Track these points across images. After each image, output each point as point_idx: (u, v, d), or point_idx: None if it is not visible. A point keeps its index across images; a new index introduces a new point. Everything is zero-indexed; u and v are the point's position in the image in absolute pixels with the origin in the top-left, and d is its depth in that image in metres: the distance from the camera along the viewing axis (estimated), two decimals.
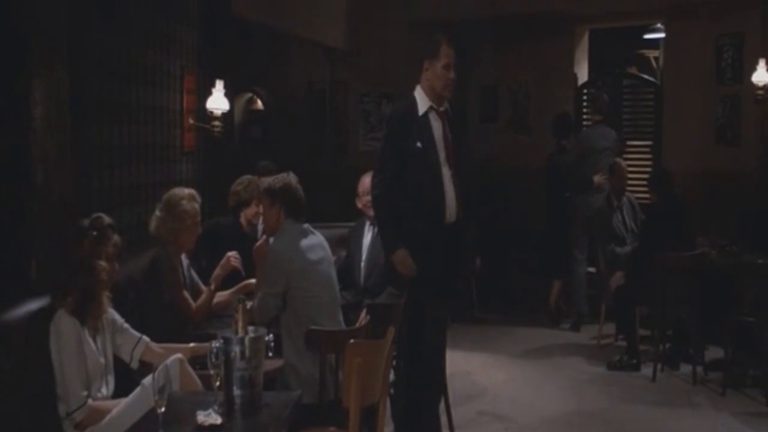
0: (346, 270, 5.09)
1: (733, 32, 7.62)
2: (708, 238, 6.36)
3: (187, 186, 4.67)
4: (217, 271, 4.30)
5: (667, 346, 6.09)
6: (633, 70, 9.16)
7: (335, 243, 5.30)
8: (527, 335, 7.31)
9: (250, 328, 3.06)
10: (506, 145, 8.82)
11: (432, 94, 4.08)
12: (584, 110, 8.64)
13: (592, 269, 7.30)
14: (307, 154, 8.94)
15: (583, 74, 8.88)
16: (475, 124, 8.98)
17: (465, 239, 4.21)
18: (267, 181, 4.22)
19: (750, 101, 7.22)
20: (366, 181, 5.00)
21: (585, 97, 8.64)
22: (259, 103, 10.09)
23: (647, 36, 9.03)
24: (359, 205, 5.08)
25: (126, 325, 3.50)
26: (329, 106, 9.29)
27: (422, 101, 4.04)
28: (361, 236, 5.14)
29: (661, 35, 8.67)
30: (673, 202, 6.21)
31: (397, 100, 8.28)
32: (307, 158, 8.70)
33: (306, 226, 4.09)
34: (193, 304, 4.21)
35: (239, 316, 3.02)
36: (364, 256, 5.06)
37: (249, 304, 4.01)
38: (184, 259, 4.27)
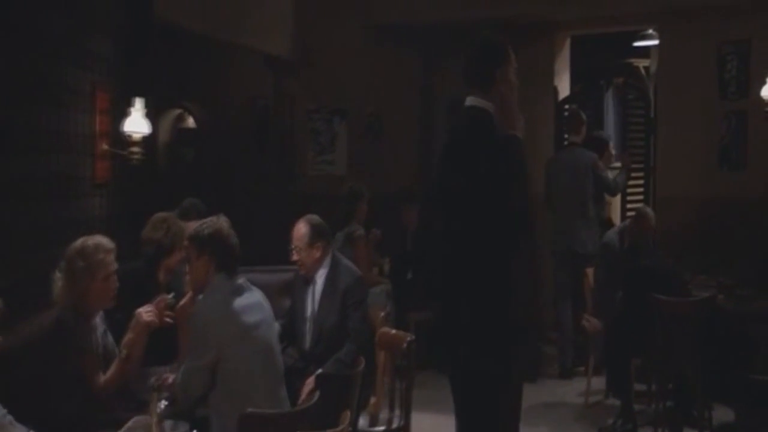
0: (290, 324, 4.87)
1: (738, 39, 7.62)
2: (713, 278, 6.25)
3: (100, 225, 4.35)
4: (129, 335, 3.93)
5: (667, 404, 5.88)
6: (620, 82, 9.14)
7: (279, 291, 5.20)
8: None
9: (168, 423, 2.72)
10: None
11: (501, 107, 3.47)
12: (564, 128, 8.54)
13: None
14: (249, 180, 8.82)
15: (564, 87, 8.88)
16: (439, 143, 8.67)
17: None
18: (193, 226, 3.92)
19: (758, 118, 7.17)
20: (301, 228, 4.78)
21: (566, 114, 8.56)
22: (191, 121, 9.89)
23: (637, 43, 9.01)
24: (295, 257, 4.82)
25: (8, 419, 3.11)
26: (273, 124, 9.19)
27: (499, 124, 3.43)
28: (305, 292, 4.89)
29: (654, 42, 8.65)
30: (653, 272, 5.98)
31: (347, 117, 8.80)
32: (248, 184, 8.56)
33: (241, 281, 3.79)
34: (101, 378, 3.83)
35: (153, 408, 2.67)
36: (308, 314, 4.83)
37: (171, 378, 3.73)
38: (100, 323, 3.91)
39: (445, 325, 3.38)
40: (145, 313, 3.92)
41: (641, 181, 8.25)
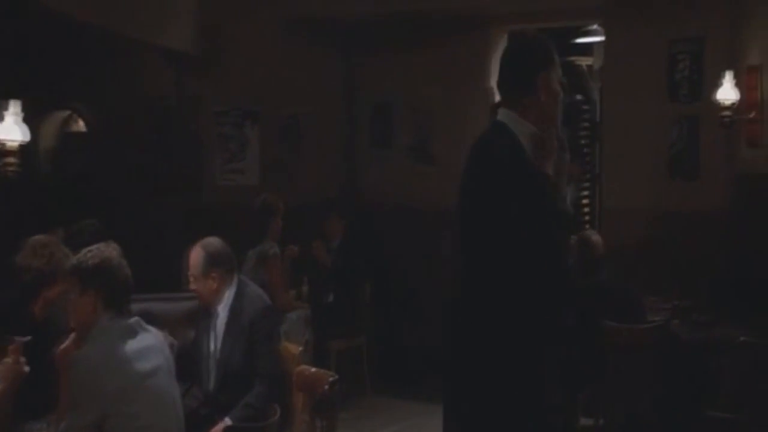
0: (192, 362, 4.62)
1: (691, 37, 7.63)
2: (666, 300, 6.22)
3: None
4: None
5: None
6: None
7: (183, 321, 5.09)
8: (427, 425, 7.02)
9: None
10: (404, 179, 8.74)
11: (540, 123, 3.12)
12: None
13: None
14: (148, 191, 8.62)
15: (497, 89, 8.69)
16: (364, 149, 9.02)
17: None
18: (76, 257, 3.59)
19: (713, 124, 7.16)
20: (195, 255, 4.57)
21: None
22: (81, 124, 9.73)
23: (579, 40, 9.00)
24: (191, 286, 4.61)
25: None
26: (176, 128, 9.00)
27: (524, 137, 3.07)
28: (207, 325, 4.64)
29: (598, 39, 8.63)
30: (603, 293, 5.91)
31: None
32: (147, 196, 8.40)
33: (134, 321, 3.49)
34: None
35: None
36: (210, 351, 4.59)
37: None
38: None
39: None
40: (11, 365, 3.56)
41: (586, 192, 8.27)
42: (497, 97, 8.89)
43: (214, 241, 4.65)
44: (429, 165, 8.71)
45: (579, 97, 8.88)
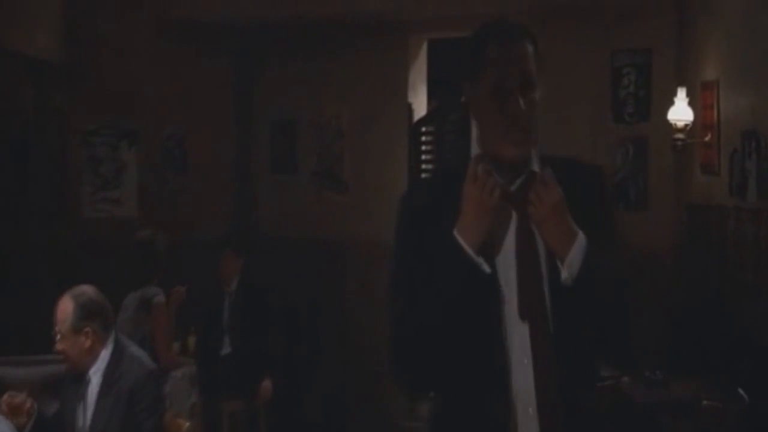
0: None
1: (636, 48, 7.72)
2: None
3: None
4: None
5: None
6: None
7: (45, 389, 5.00)
8: None
9: None
10: (311, 209, 8.75)
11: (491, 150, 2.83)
12: (423, 158, 8.75)
13: None
14: (1, 225, 8.17)
15: (420, 105, 8.91)
16: (262, 175, 9.05)
17: None
18: None
19: (663, 148, 7.24)
20: (64, 307, 4.42)
21: (424, 138, 8.74)
22: None
23: None
24: (58, 346, 4.43)
25: None
26: (36, 149, 8.63)
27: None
28: (75, 395, 4.46)
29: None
30: None
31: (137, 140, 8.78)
32: (3, 227, 8.03)
33: None
34: None
35: None
36: (81, 426, 4.41)
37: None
38: None
39: None
40: None
41: None
42: (417, 114, 9.11)
43: (86, 290, 4.48)
44: (340, 192, 8.72)
45: None
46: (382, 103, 8.54)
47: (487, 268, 2.55)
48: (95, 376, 4.43)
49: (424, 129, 8.71)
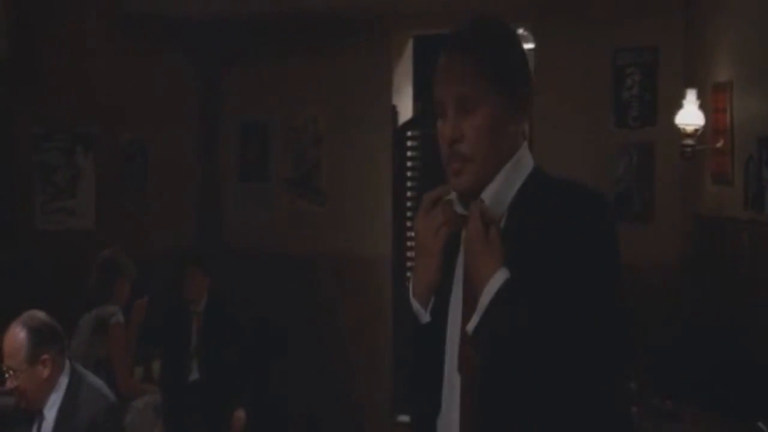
0: None
1: (641, 46, 7.70)
2: None
3: None
4: None
5: None
6: None
7: None
8: None
9: None
10: (285, 221, 8.77)
11: None
12: (409, 165, 8.71)
13: None
14: None
15: (406, 107, 8.86)
16: (230, 184, 9.10)
17: None
18: None
19: (670, 155, 7.21)
20: (16, 337, 4.38)
21: (409, 144, 8.70)
22: None
23: None
24: (10, 383, 4.40)
25: None
26: None
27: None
28: None
29: (527, 46, 8.50)
30: None
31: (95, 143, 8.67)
32: None
33: None
34: None
35: None
36: None
37: None
38: None
39: None
40: None
41: None
42: (402, 117, 9.11)
43: (36, 314, 4.46)
44: (316, 203, 8.73)
45: None
46: (363, 106, 8.54)
47: (423, 318, 2.55)
48: (50, 412, 4.38)
49: (410, 133, 8.69)
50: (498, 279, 2.33)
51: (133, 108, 8.53)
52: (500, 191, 2.47)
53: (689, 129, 6.80)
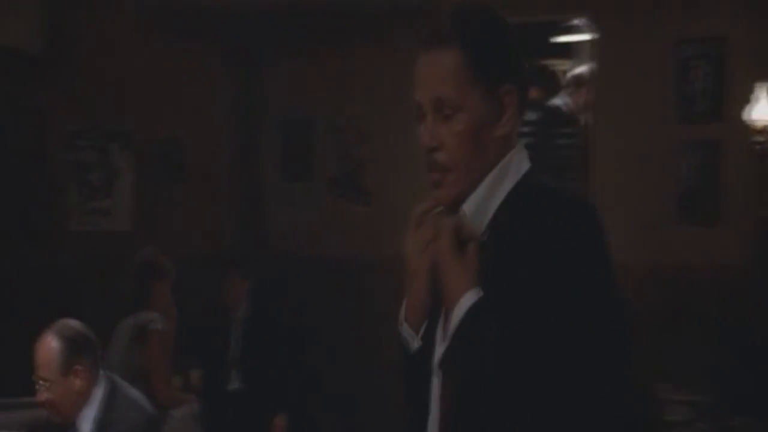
0: None
1: (707, 37, 7.64)
2: (682, 393, 6.39)
3: None
4: None
5: None
6: (532, 94, 9.11)
7: None
8: None
9: None
10: (330, 222, 8.77)
11: None
12: None
13: None
14: None
15: None
16: (272, 184, 9.10)
17: None
18: None
19: (738, 152, 7.20)
20: (48, 347, 4.41)
21: None
22: None
23: (557, 39, 9.20)
24: (43, 396, 4.42)
25: None
26: (11, 153, 8.71)
27: None
28: None
29: (581, 38, 8.77)
30: None
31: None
32: None
33: None
34: None
35: None
36: None
37: None
38: None
39: None
40: None
41: None
42: None
43: (70, 323, 4.50)
44: (361, 203, 8.71)
45: (559, 102, 8.91)
46: (410, 101, 8.29)
47: (412, 345, 2.45)
48: (85, 424, 4.40)
49: None
50: (468, 299, 2.20)
51: (171, 104, 8.58)
52: (483, 202, 2.35)
53: (759, 125, 6.91)
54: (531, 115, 8.64)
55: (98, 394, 4.42)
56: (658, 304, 7.50)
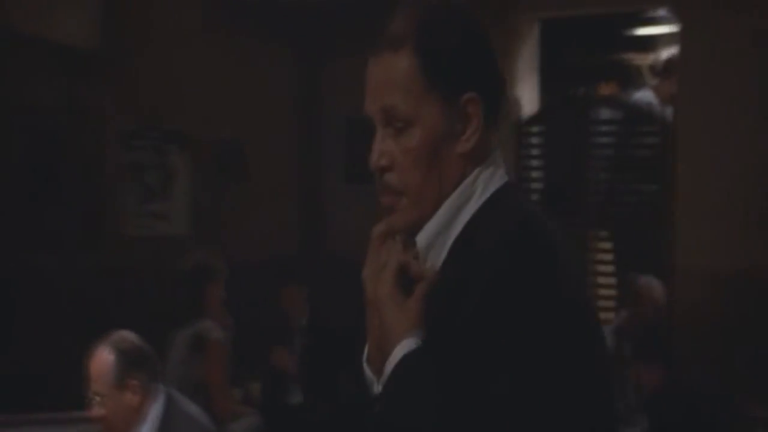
0: None
1: None
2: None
3: None
4: None
5: None
6: (609, 90, 9.15)
7: None
8: None
9: None
10: None
11: None
12: (533, 165, 8.64)
13: None
14: (23, 245, 8.43)
15: (530, 99, 8.74)
16: (335, 186, 9.08)
17: None
18: None
19: None
20: (103, 360, 4.41)
21: (534, 141, 8.61)
22: None
23: (638, 32, 9.10)
24: (96, 411, 4.43)
25: None
26: (67, 154, 8.87)
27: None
28: None
29: (664, 30, 8.67)
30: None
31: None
32: (22, 253, 8.26)
33: None
34: None
35: None
36: None
37: None
38: None
39: None
40: None
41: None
42: (523, 112, 9.01)
43: (127, 336, 4.48)
44: None
45: (641, 97, 8.76)
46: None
47: (374, 388, 2.15)
48: None
49: (535, 129, 8.53)
50: (402, 348, 1.97)
51: (230, 104, 8.64)
52: (441, 231, 2.10)
53: None
54: (608, 114, 8.56)
55: (154, 410, 4.41)
56: (746, 311, 7.35)
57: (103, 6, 8.72)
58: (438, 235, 2.07)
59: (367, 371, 2.15)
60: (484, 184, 2.11)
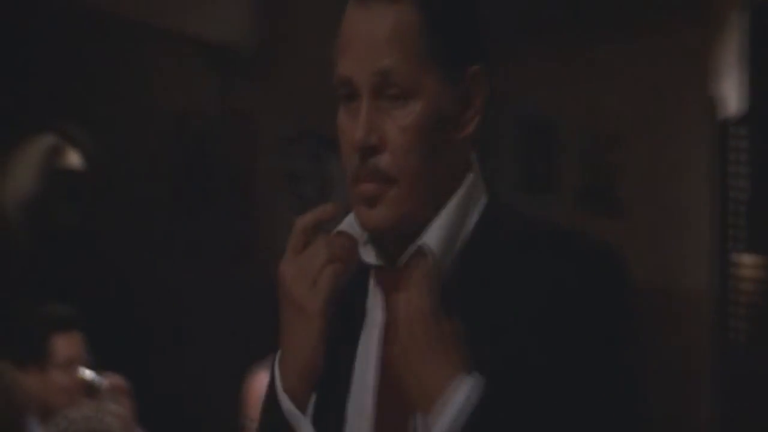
0: None
1: None
2: None
3: None
4: None
5: None
6: None
7: None
8: None
9: None
10: None
11: None
12: (736, 172, 8.43)
13: None
14: (175, 258, 8.83)
15: (734, 98, 8.55)
16: (509, 193, 8.73)
17: None
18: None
19: None
20: (262, 384, 4.29)
21: (737, 144, 8.46)
22: (75, 158, 9.88)
23: None
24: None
25: None
26: (218, 161, 9.13)
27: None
28: None
29: None
30: None
31: None
32: (173, 266, 8.60)
33: None
34: None
35: None
36: None
37: None
38: None
39: None
40: None
41: None
42: (725, 112, 8.85)
43: None
44: (612, 216, 8.58)
45: None
46: (674, 97, 8.27)
47: (298, 427, 1.80)
48: None
49: (738, 131, 8.37)
50: (461, 393, 1.65)
51: None
52: (449, 237, 1.81)
53: None
54: None
55: None
56: None
57: (259, 2, 8.91)
58: (447, 240, 1.78)
59: (287, 404, 1.81)
60: (481, 181, 1.89)
